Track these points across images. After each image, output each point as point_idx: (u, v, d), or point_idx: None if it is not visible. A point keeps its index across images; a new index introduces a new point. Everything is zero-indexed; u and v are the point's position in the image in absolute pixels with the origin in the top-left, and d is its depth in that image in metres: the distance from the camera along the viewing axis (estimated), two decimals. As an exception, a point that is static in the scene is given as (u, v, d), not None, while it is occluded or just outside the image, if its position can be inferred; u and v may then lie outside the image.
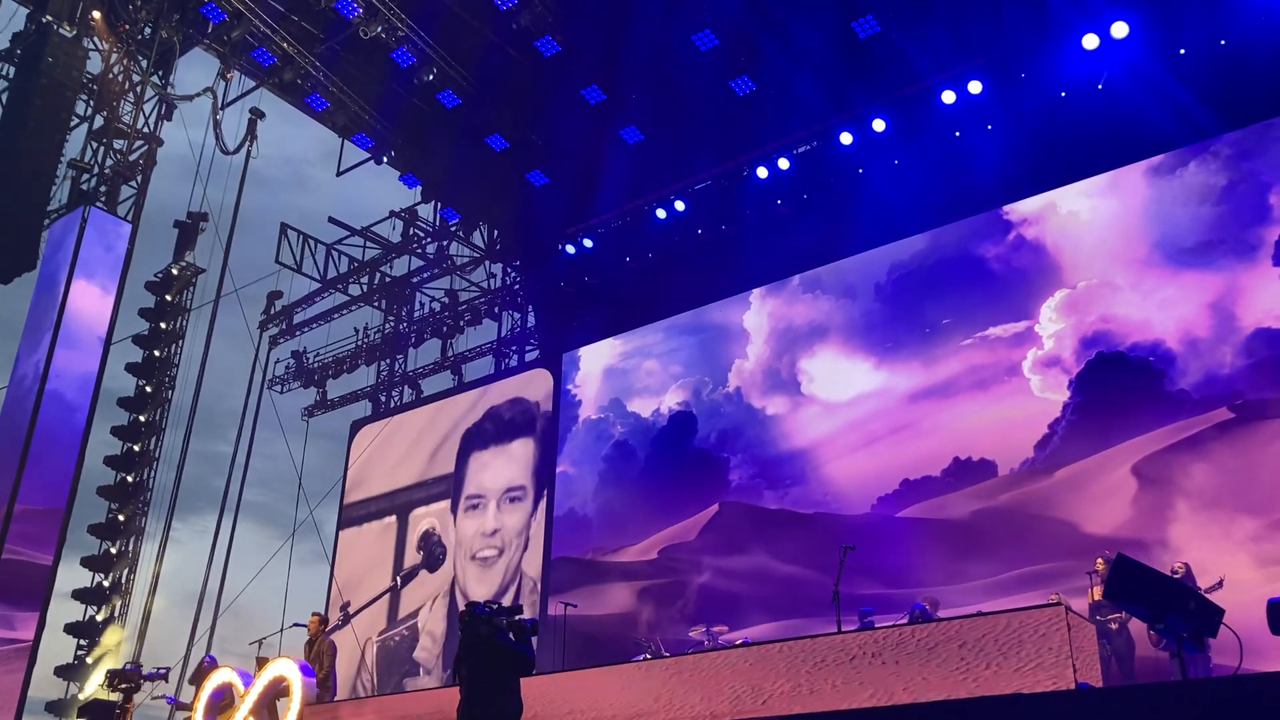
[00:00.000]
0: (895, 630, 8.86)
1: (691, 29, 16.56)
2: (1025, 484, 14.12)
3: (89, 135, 18.02)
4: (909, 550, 14.67)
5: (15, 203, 17.19)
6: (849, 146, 16.74)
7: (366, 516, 22.33)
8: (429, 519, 21.11)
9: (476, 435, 21.10)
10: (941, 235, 16.07)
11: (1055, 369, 14.30)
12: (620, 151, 18.70)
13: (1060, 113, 15.16)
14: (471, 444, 21.08)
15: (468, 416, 21.37)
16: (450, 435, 21.44)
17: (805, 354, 17.11)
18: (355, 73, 19.09)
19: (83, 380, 16.43)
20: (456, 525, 20.62)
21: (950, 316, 15.49)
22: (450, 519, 20.77)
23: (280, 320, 24.78)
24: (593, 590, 17.94)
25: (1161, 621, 6.90)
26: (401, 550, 21.38)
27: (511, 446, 20.47)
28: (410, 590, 20.86)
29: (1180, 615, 6.78)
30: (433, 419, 22.09)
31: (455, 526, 20.63)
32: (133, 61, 18.19)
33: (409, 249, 23.36)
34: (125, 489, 17.84)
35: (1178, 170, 14.08)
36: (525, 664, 7.34)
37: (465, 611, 7.39)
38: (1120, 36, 14.23)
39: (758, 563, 16.45)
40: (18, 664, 15.09)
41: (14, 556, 15.39)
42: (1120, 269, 14.18)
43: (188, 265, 19.29)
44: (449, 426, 21.57)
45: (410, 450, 22.04)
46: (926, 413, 15.33)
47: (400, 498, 21.86)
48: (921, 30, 15.45)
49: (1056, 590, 12.29)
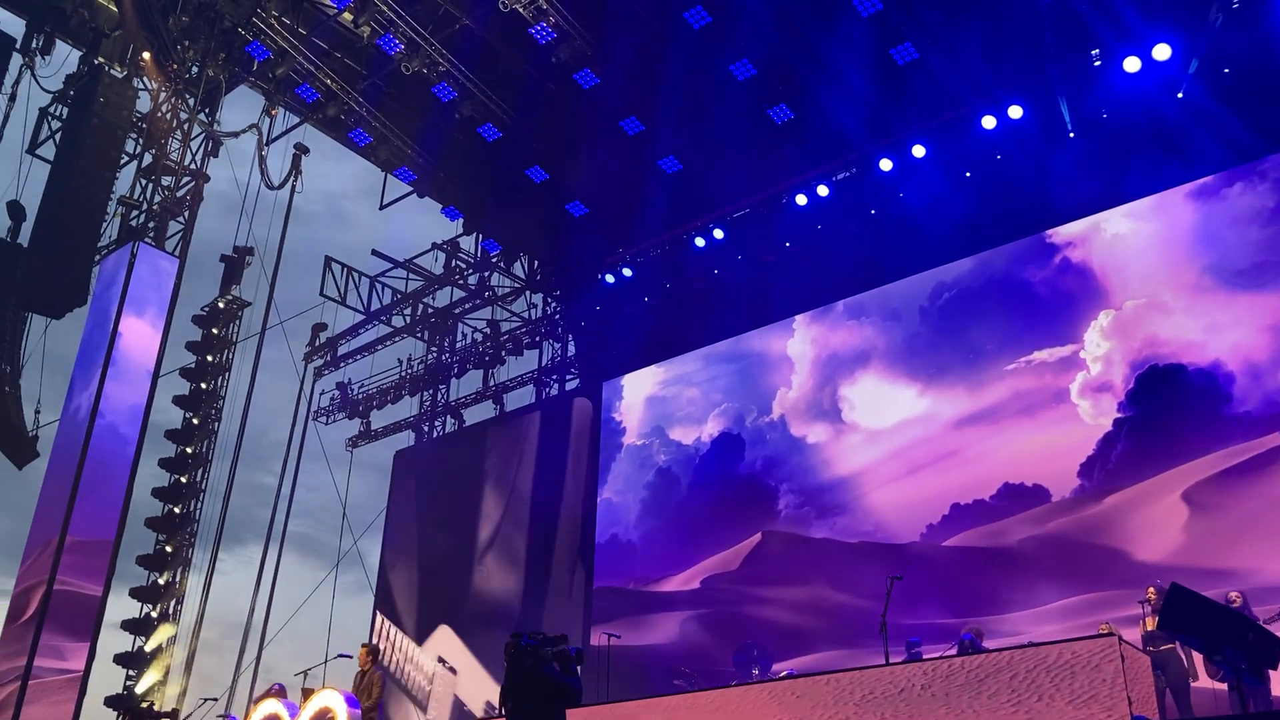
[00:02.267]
0: (945, 662, 8.76)
1: (729, 59, 16.64)
2: (1074, 511, 13.92)
3: (138, 172, 18.35)
4: (956, 579, 14.50)
5: (68, 239, 17.53)
6: (889, 173, 16.71)
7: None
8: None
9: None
10: (985, 260, 15.97)
11: (1105, 394, 14.11)
12: (659, 181, 18.78)
13: (1101, 136, 15.06)
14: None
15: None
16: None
17: (848, 381, 17.02)
18: (397, 108, 19.36)
19: (132, 413, 16.64)
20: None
21: (995, 341, 15.36)
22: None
23: (325, 352, 25.04)
24: (635, 621, 17.87)
25: (1219, 653, 6.75)
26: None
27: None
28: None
29: (1238, 646, 6.63)
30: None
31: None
32: (180, 100, 18.53)
33: (451, 280, 23.54)
34: (173, 520, 18.01)
35: (1223, 192, 13.92)
36: (572, 695, 7.31)
37: (511, 643, 7.37)
38: (1162, 59, 14.13)
39: (802, 593, 16.31)
40: (69, 694, 15.23)
41: (65, 588, 15.58)
42: (1169, 291, 13.99)
43: (234, 299, 19.53)
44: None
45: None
46: (972, 439, 15.18)
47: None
48: (960, 56, 15.40)
49: (1108, 620, 12.08)
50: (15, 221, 17.98)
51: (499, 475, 21.60)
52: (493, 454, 21.96)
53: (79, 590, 15.79)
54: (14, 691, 15.03)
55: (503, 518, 21.14)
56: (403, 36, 17.15)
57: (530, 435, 21.49)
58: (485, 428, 22.80)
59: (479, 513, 21.51)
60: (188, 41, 18.38)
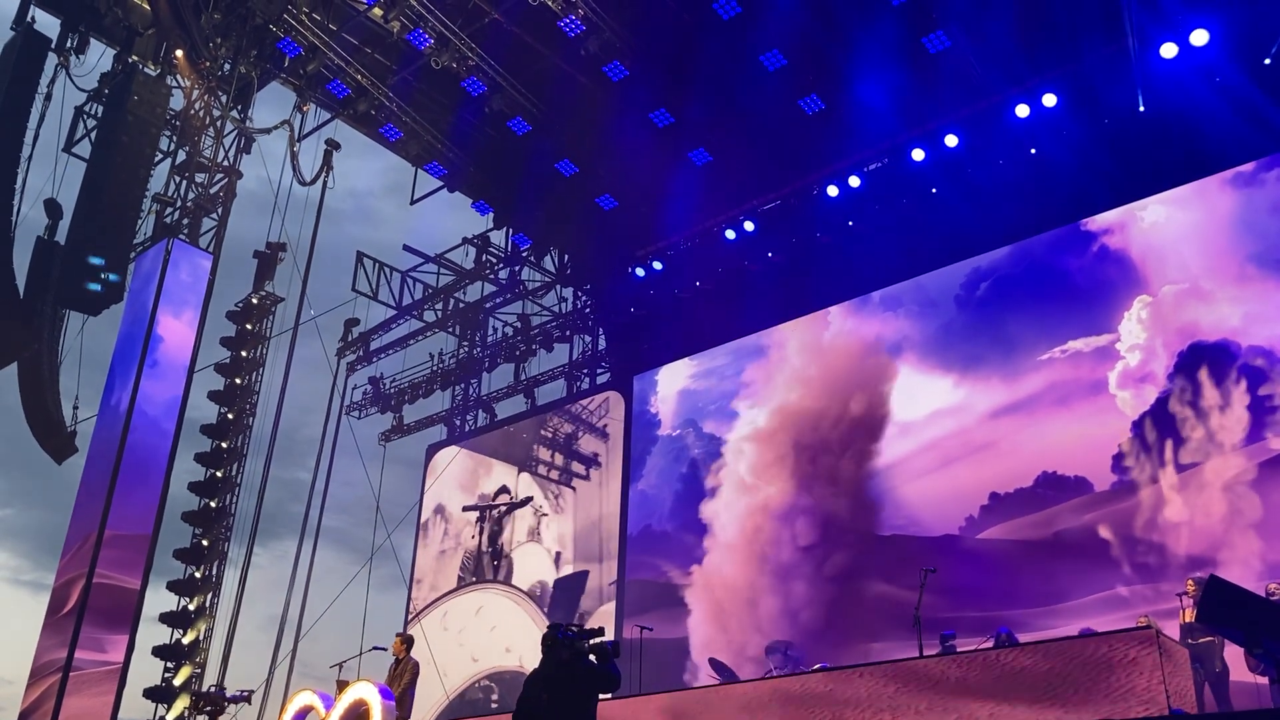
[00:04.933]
0: (980, 654, 8.70)
1: (759, 50, 16.51)
2: (1111, 503, 13.77)
3: (172, 170, 18.50)
4: (991, 572, 14.39)
5: (104, 237, 17.71)
6: (921, 163, 16.57)
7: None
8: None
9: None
10: (1023, 248, 15.79)
11: (1146, 384, 13.92)
12: (689, 174, 18.72)
13: (1138, 124, 14.85)
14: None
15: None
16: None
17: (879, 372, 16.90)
18: (427, 102, 19.41)
19: (168, 408, 16.79)
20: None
21: (1032, 330, 15.18)
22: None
23: (357, 347, 25.19)
24: (667, 614, 17.86)
25: (1259, 646, 6.65)
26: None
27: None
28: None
29: (1278, 639, 6.54)
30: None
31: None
32: (213, 97, 18.66)
33: (482, 275, 23.60)
34: (209, 514, 18.17)
35: (1261, 178, 13.69)
36: (611, 681, 7.32)
37: (548, 635, 7.36)
38: (1200, 44, 13.93)
39: (836, 585, 16.25)
40: (109, 685, 15.42)
41: (104, 581, 15.76)
42: (1211, 278, 13.77)
43: (267, 295, 19.66)
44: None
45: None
46: (1008, 430, 15.04)
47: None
48: (993, 44, 15.24)
49: (1145, 613, 11.95)
50: (53, 219, 18.16)
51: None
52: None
53: (118, 583, 15.98)
54: (55, 683, 15.24)
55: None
56: (432, 31, 17.19)
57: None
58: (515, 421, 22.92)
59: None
60: (220, 39, 18.50)
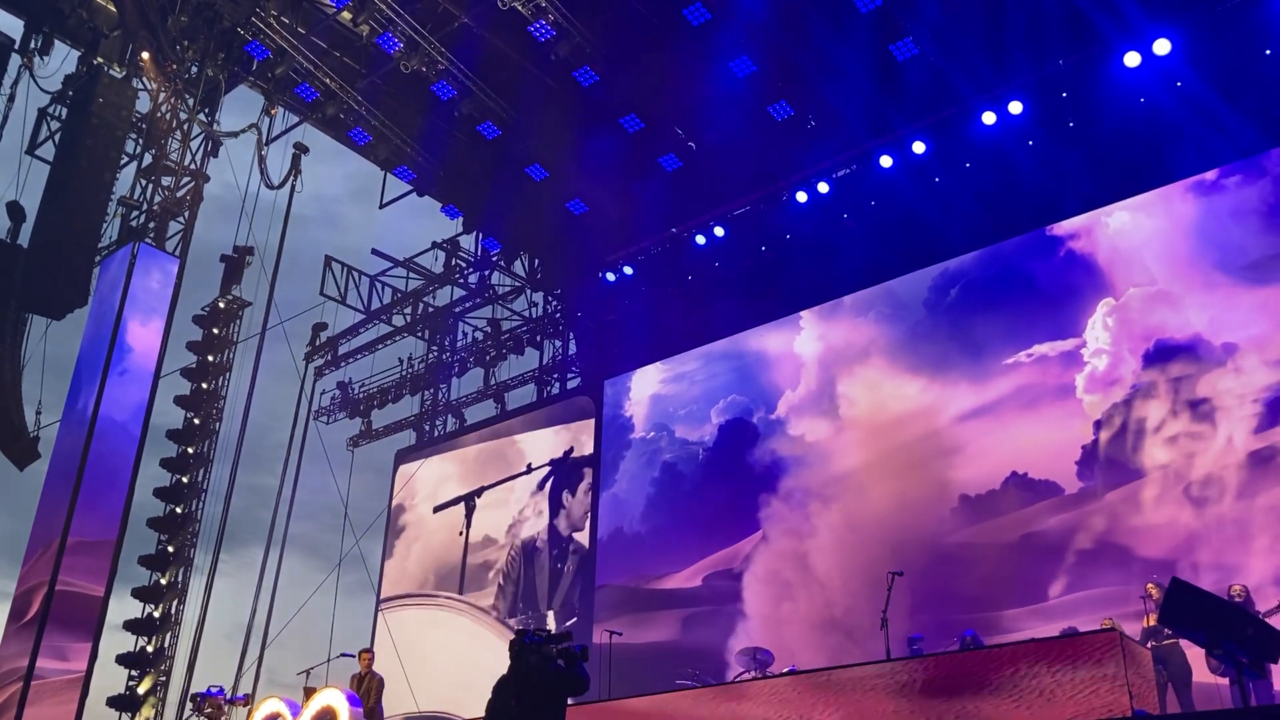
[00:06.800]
0: (947, 657, 8.76)
1: (729, 56, 16.60)
2: (1076, 506, 13.89)
3: (138, 173, 18.31)
4: (958, 575, 14.48)
5: (68, 240, 17.52)
6: (889, 169, 16.69)
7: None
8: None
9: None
10: (990, 254, 15.91)
11: (1112, 387, 14.05)
12: (659, 179, 18.79)
13: (1103, 131, 15.04)
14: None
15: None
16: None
17: (849, 376, 16.99)
18: (397, 106, 19.35)
19: (133, 413, 16.61)
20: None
21: (1001, 334, 15.29)
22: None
23: (325, 352, 25.04)
24: (638, 618, 17.84)
25: (1219, 647, 6.75)
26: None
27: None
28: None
29: (1238, 641, 6.63)
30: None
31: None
32: (180, 100, 18.49)
33: (451, 279, 23.54)
34: (174, 520, 17.98)
35: (1224, 184, 13.88)
36: (579, 685, 7.33)
37: (515, 641, 7.36)
38: (1162, 54, 14.12)
39: (803, 590, 16.30)
40: (71, 694, 15.21)
41: (67, 588, 15.56)
42: (1178, 283, 13.90)
43: (234, 299, 19.50)
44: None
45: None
46: (976, 433, 15.15)
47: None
48: (961, 52, 15.40)
49: (1110, 615, 12.07)
50: (15, 222, 17.93)
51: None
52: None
53: (81, 591, 15.78)
54: (16, 692, 15.02)
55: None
56: (402, 35, 17.15)
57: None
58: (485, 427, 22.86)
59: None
60: (187, 41, 18.35)
